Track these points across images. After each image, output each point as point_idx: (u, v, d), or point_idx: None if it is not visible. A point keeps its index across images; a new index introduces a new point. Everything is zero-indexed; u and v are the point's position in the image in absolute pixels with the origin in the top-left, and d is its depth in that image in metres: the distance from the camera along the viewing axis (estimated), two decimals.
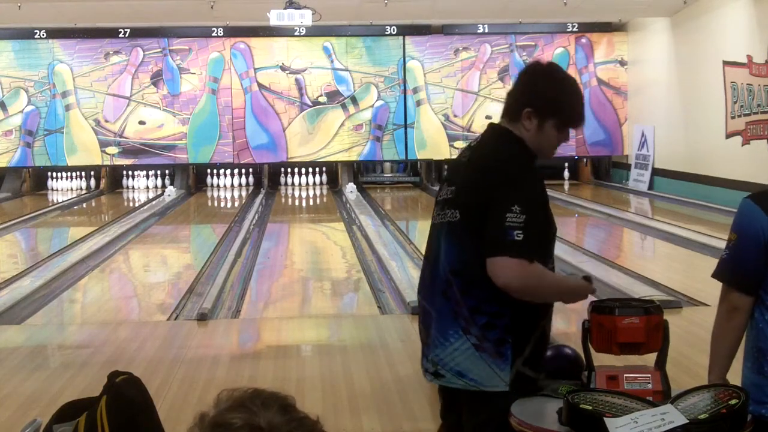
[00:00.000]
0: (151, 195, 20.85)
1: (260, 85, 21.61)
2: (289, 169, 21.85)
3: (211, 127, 21.49)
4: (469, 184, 3.33)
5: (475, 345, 3.29)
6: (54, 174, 21.67)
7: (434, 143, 21.58)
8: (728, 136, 16.43)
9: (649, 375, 3.54)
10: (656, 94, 20.06)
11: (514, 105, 3.40)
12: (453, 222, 3.32)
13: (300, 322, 8.76)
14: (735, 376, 3.36)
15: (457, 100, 21.69)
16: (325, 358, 7.21)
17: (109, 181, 21.74)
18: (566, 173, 22.15)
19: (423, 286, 3.49)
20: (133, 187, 21.84)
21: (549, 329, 3.50)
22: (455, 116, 21.67)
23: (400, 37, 21.60)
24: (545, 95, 3.37)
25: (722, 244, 3.40)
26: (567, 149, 21.83)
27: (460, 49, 21.72)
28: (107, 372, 2.55)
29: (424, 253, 3.61)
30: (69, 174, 21.69)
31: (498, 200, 3.20)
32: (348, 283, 10.63)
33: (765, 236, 3.20)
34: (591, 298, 3.65)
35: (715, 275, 3.36)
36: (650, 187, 19.65)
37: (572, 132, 3.46)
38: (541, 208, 3.29)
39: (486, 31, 21.58)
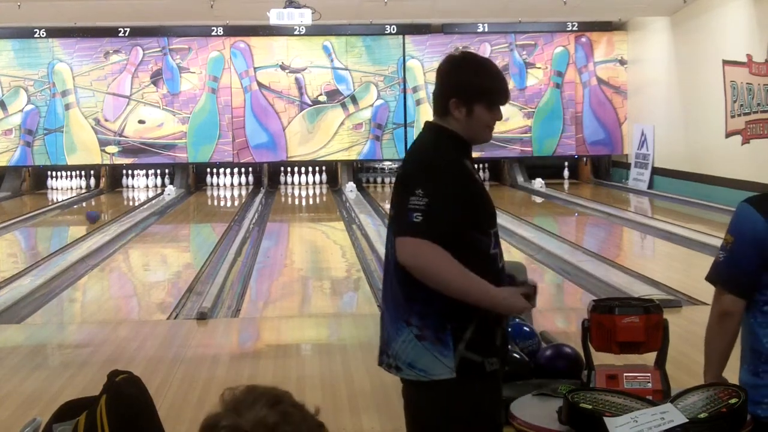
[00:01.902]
0: (151, 194, 20.84)
1: (260, 85, 21.61)
2: (288, 169, 21.84)
3: (210, 126, 21.48)
4: (397, 180, 3.38)
5: (417, 335, 3.24)
6: (54, 173, 21.67)
7: None
8: (728, 135, 16.43)
9: (649, 374, 3.55)
10: (656, 93, 20.06)
11: (440, 99, 3.41)
12: (390, 216, 3.36)
13: (300, 321, 8.76)
14: (732, 376, 3.36)
15: None
16: (324, 357, 7.21)
17: (108, 180, 21.73)
18: (566, 172, 22.15)
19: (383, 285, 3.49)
20: (132, 186, 21.83)
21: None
22: None
23: (400, 37, 21.60)
24: (468, 81, 3.38)
25: None
26: (567, 148, 21.87)
27: (460, 48, 21.67)
28: (107, 371, 2.55)
29: None
30: (69, 173, 21.68)
31: (406, 186, 3.23)
32: (348, 282, 10.63)
33: (761, 238, 3.20)
34: (589, 298, 3.64)
35: (709, 278, 3.35)
36: (650, 187, 19.65)
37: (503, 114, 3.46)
38: (456, 200, 3.23)
39: (486, 30, 21.58)
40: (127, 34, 21.23)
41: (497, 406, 3.37)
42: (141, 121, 21.45)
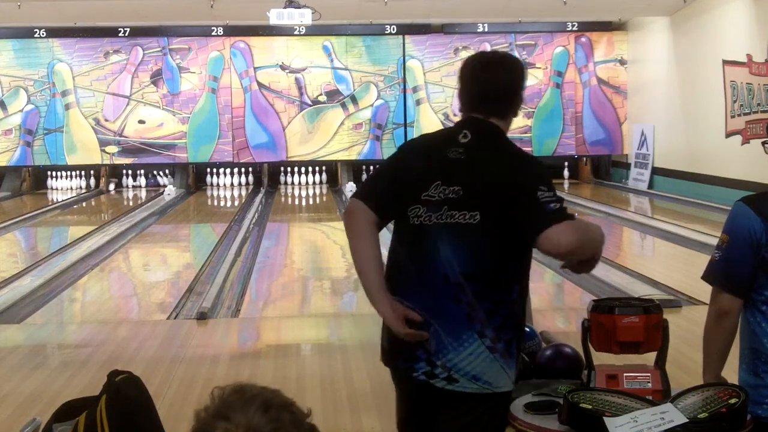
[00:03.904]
0: (145, 194, 20.84)
1: (260, 84, 21.61)
2: (288, 168, 21.83)
3: (210, 126, 21.49)
4: (486, 184, 3.26)
5: (490, 347, 3.25)
6: (54, 173, 21.67)
7: None
8: (728, 135, 16.43)
9: (649, 374, 3.54)
10: (656, 93, 20.06)
11: (501, 99, 3.38)
12: (470, 224, 3.23)
13: (300, 321, 8.77)
14: (732, 375, 3.36)
15: (457, 99, 21.66)
16: (324, 357, 7.22)
17: (109, 180, 21.73)
18: (566, 172, 22.14)
19: (410, 289, 3.33)
20: (128, 186, 21.79)
21: None
22: (455, 115, 21.62)
23: (400, 37, 21.60)
24: (520, 87, 3.40)
25: None
26: (567, 148, 21.86)
27: (460, 48, 21.71)
28: (107, 371, 2.56)
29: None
30: (69, 173, 21.68)
31: (527, 189, 3.19)
32: (347, 282, 10.62)
33: (757, 238, 3.20)
34: (588, 298, 3.65)
35: (706, 277, 3.36)
36: (650, 186, 19.66)
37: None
38: None
39: (486, 30, 21.57)
40: (127, 34, 21.23)
41: None
42: (141, 121, 21.45)
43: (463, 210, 3.24)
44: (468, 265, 3.23)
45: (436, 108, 21.69)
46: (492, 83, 3.36)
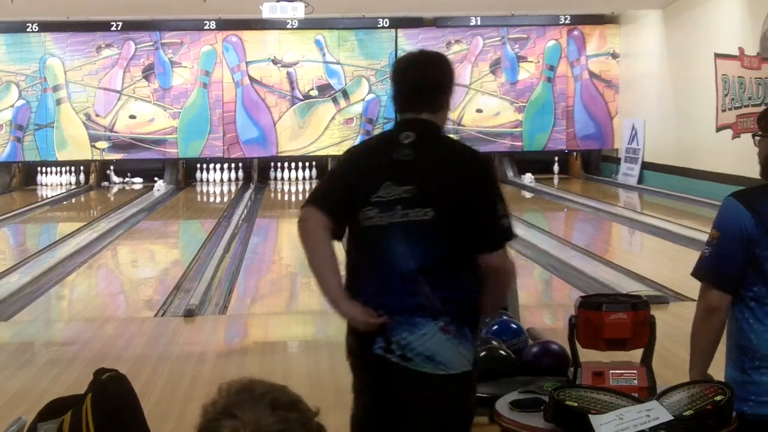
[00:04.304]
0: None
1: (252, 79, 21.56)
2: (279, 164, 21.77)
3: (201, 121, 21.43)
4: (441, 183, 3.39)
5: (443, 329, 3.34)
6: (43, 169, 21.59)
7: None
8: (719, 129, 16.43)
9: (635, 371, 3.54)
10: (647, 86, 20.06)
11: (431, 95, 3.49)
12: (423, 220, 3.35)
13: (287, 318, 8.76)
14: (717, 373, 3.35)
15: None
16: (311, 354, 7.21)
17: (98, 176, 21.65)
18: (556, 167, 22.08)
19: (365, 288, 3.45)
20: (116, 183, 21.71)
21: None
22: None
23: (393, 30, 21.56)
24: (448, 76, 3.54)
25: None
26: (558, 143, 21.86)
27: (453, 41, 21.69)
28: (94, 369, 2.56)
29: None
30: (58, 169, 21.60)
31: (485, 197, 3.38)
32: None
33: (747, 233, 3.19)
34: (576, 294, 3.66)
35: (696, 273, 3.34)
36: (639, 182, 19.65)
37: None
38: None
39: (478, 23, 21.55)
40: (119, 28, 21.16)
41: None
42: (132, 116, 21.40)
43: (417, 207, 3.36)
44: (423, 260, 3.35)
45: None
46: (420, 80, 3.50)
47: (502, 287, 3.50)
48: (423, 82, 3.49)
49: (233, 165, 21.79)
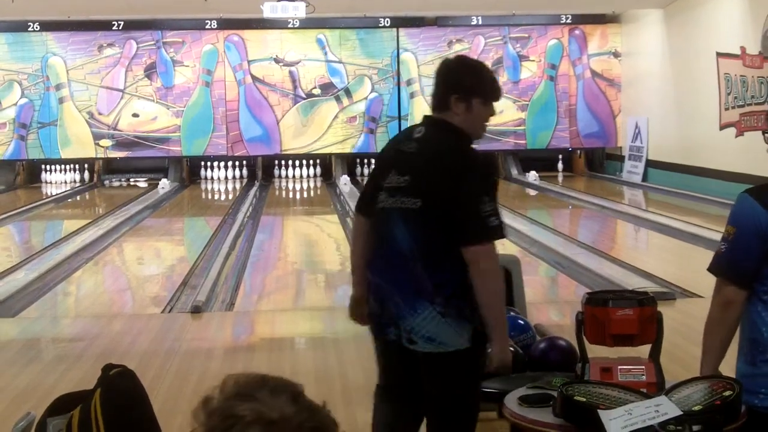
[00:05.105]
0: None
1: (254, 78, 21.57)
2: (282, 162, 21.80)
3: (204, 120, 21.45)
4: (429, 175, 3.69)
5: (441, 312, 3.66)
6: (48, 167, 21.63)
7: None
8: (722, 127, 16.44)
9: (643, 367, 3.55)
10: (650, 85, 20.06)
11: (441, 96, 3.84)
12: (413, 209, 3.70)
13: (293, 314, 8.76)
14: (728, 368, 3.37)
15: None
16: (318, 351, 7.22)
17: (102, 173, 21.68)
18: (560, 165, 22.12)
19: (377, 265, 3.88)
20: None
21: None
22: None
23: (394, 29, 21.56)
24: (465, 79, 3.83)
25: (716, 236, 3.41)
26: (561, 141, 21.87)
27: (454, 41, 21.70)
28: (101, 365, 2.55)
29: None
30: (62, 167, 21.64)
31: (468, 192, 3.62)
32: (342, 276, 10.60)
33: (763, 229, 3.21)
34: (583, 291, 3.69)
35: (712, 269, 3.35)
36: (644, 179, 19.66)
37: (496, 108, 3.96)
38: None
39: (480, 23, 21.55)
40: (120, 28, 21.17)
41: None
42: (135, 115, 21.42)
43: (409, 197, 3.72)
44: (414, 245, 3.71)
45: (430, 101, 21.64)
46: (438, 83, 3.90)
47: (480, 284, 3.65)
48: (439, 85, 3.87)
49: (237, 163, 21.82)
